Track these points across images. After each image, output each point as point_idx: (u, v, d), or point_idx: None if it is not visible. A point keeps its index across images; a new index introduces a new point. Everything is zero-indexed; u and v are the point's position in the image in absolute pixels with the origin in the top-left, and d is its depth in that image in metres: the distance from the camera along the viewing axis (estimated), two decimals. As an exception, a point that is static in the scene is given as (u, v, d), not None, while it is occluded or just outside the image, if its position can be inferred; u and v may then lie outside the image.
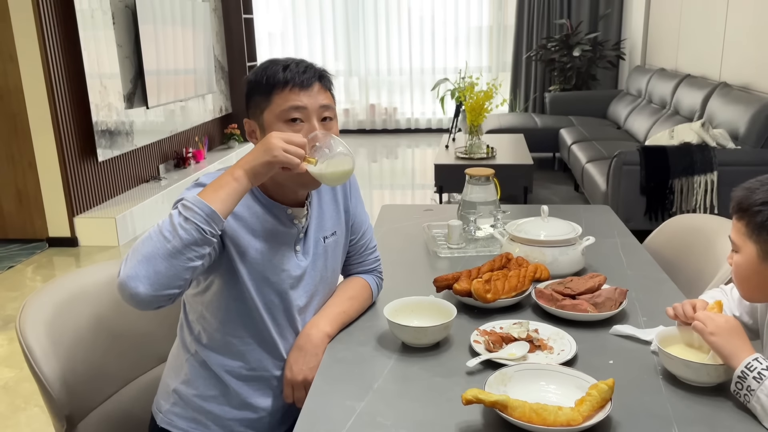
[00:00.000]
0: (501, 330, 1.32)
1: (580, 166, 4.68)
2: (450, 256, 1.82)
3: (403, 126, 8.53)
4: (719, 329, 1.08)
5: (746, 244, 1.12)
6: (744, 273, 1.14)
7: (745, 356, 1.03)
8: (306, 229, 1.34)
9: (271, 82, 1.23)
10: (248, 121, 1.29)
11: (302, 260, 1.33)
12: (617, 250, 1.82)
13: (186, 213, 1.06)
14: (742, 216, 1.13)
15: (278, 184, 1.27)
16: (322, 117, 1.25)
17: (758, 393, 1.00)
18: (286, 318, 1.31)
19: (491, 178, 1.97)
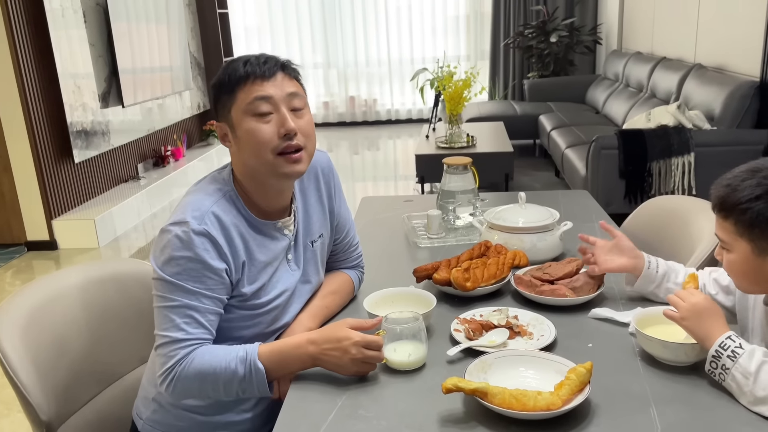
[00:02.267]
0: (481, 318, 1.33)
1: (559, 152, 4.70)
2: (430, 246, 1.82)
3: (383, 117, 8.51)
4: (689, 313, 1.09)
5: (738, 242, 1.09)
6: (740, 270, 1.11)
7: (718, 335, 1.04)
8: (295, 236, 1.33)
9: (233, 78, 1.19)
10: (219, 124, 1.25)
11: (295, 269, 1.32)
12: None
13: (246, 389, 1.15)
14: (728, 215, 1.09)
15: (261, 188, 1.25)
16: (292, 107, 1.20)
17: (733, 371, 1.01)
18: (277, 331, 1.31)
19: (469, 166, 1.97)
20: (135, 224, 4.72)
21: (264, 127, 1.18)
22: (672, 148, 3.59)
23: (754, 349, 1.00)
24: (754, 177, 1.07)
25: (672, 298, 1.13)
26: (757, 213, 1.05)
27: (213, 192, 1.22)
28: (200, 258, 1.14)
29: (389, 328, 1.18)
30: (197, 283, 1.14)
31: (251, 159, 1.21)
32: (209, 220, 1.16)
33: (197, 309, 1.14)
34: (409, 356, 1.17)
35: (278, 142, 1.19)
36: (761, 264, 1.08)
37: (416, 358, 1.17)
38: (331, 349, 1.14)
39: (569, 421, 1.00)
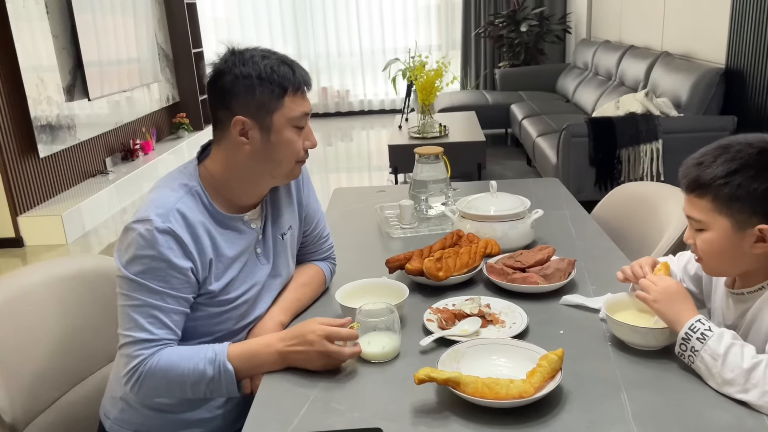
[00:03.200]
0: (453, 307, 1.33)
1: (531, 141, 4.73)
2: (403, 237, 1.82)
3: (356, 108, 8.48)
4: (661, 296, 1.10)
5: (716, 219, 1.08)
6: (717, 249, 1.09)
7: (688, 318, 1.06)
8: (263, 229, 1.31)
9: (284, 84, 1.17)
10: (243, 119, 1.16)
11: (264, 263, 1.30)
12: (566, 221, 1.85)
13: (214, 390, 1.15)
14: (704, 193, 1.08)
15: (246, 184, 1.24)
16: None
17: (702, 353, 1.02)
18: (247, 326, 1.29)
19: (440, 156, 1.97)
20: (104, 219, 4.63)
21: (298, 140, 1.23)
22: (640, 135, 3.64)
23: (722, 332, 1.02)
24: (727, 152, 1.07)
25: (644, 281, 1.14)
26: (737, 186, 1.05)
27: (177, 188, 1.19)
28: (164, 257, 1.12)
29: (363, 320, 1.17)
30: (162, 282, 1.12)
31: (276, 163, 1.22)
32: (173, 217, 1.14)
33: (161, 309, 1.12)
34: (383, 348, 1.16)
35: (303, 154, 1.26)
36: (740, 240, 1.08)
37: (390, 350, 1.17)
38: (297, 344, 1.13)
39: (542, 408, 1.00)
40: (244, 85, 1.15)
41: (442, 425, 0.98)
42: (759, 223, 1.06)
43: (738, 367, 0.98)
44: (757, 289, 1.12)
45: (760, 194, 1.05)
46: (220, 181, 1.23)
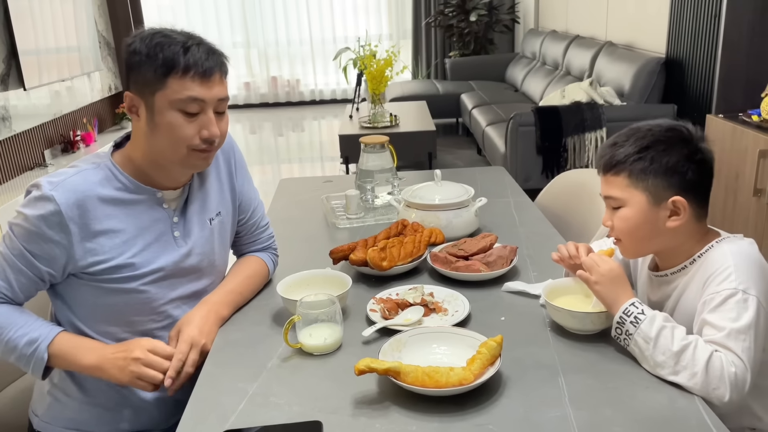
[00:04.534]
0: (397, 296, 1.33)
1: (480, 130, 4.77)
2: (349, 227, 1.80)
3: (307, 98, 8.39)
4: (602, 278, 1.12)
5: (633, 194, 1.12)
6: (634, 224, 1.12)
7: (624, 302, 1.08)
8: (184, 212, 1.27)
9: (168, 63, 1.12)
10: (130, 95, 1.16)
11: (182, 245, 1.26)
12: (510, 209, 1.87)
13: (21, 365, 1.14)
14: (620, 170, 1.13)
15: (159, 167, 1.20)
16: (217, 110, 1.19)
17: (635, 337, 1.05)
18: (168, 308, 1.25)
19: (386, 145, 1.96)
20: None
21: (187, 125, 1.15)
22: (585, 123, 3.71)
23: (654, 315, 1.04)
24: (639, 132, 1.14)
25: (587, 260, 1.15)
26: (650, 160, 1.10)
27: (82, 162, 1.19)
28: (36, 223, 1.11)
29: (304, 312, 1.16)
30: (28, 242, 1.12)
31: (164, 148, 1.17)
32: (63, 189, 1.12)
33: (12, 265, 1.13)
34: (324, 340, 1.15)
35: (198, 142, 1.17)
36: (656, 214, 1.12)
37: (332, 341, 1.15)
38: (118, 351, 1.14)
39: (481, 394, 1.01)
40: (134, 61, 1.14)
41: (382, 415, 0.98)
42: (673, 195, 1.10)
43: (668, 349, 1.01)
44: (680, 269, 1.15)
45: (672, 167, 1.10)
46: (136, 162, 1.20)
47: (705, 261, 1.11)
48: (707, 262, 1.10)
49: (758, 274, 1.05)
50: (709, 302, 1.05)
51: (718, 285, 1.05)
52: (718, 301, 1.03)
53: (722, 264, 1.06)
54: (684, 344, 1.00)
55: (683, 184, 1.11)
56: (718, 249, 1.11)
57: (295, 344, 1.15)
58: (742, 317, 1.01)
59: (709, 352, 0.99)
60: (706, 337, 1.02)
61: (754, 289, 1.03)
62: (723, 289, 1.04)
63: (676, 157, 1.10)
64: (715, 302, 1.04)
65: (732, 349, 0.99)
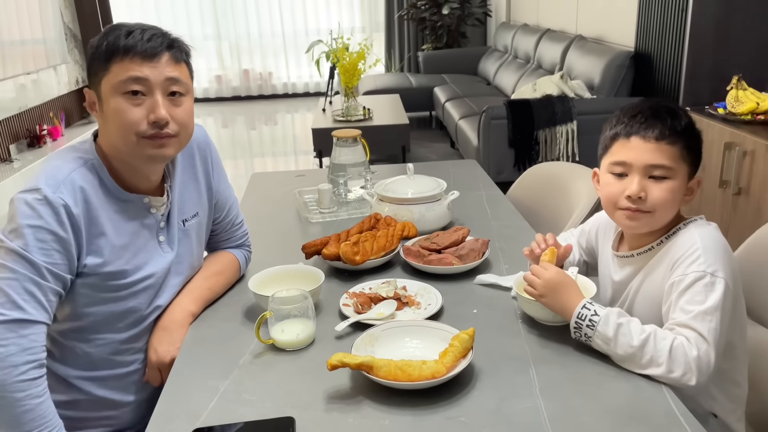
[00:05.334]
0: (370, 291, 1.33)
1: (453, 123, 4.79)
2: (322, 221, 1.80)
3: (279, 91, 8.32)
4: (545, 289, 1.11)
5: (681, 167, 1.12)
6: (675, 198, 1.12)
7: (574, 306, 1.08)
8: (168, 217, 1.25)
9: (110, 48, 1.09)
10: (89, 91, 1.15)
11: (168, 251, 1.25)
12: (482, 202, 1.88)
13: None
14: (676, 140, 1.11)
15: (125, 165, 1.17)
16: (170, 91, 1.13)
17: (595, 339, 1.06)
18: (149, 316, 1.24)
19: (359, 138, 1.96)
20: (10, 211, 4.35)
21: (133, 109, 1.10)
22: (556, 116, 3.75)
23: (608, 314, 1.05)
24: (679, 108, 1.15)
25: (527, 276, 1.16)
26: (697, 138, 1.14)
27: (72, 160, 1.13)
28: (51, 229, 1.05)
29: (276, 308, 1.15)
30: (44, 256, 1.05)
31: (116, 139, 1.13)
32: (66, 189, 1.08)
33: (39, 285, 1.04)
34: (297, 336, 1.14)
35: (146, 128, 1.12)
36: (683, 190, 1.14)
37: (305, 337, 1.15)
38: None
39: (454, 387, 1.01)
40: (89, 55, 1.13)
41: (355, 410, 0.98)
42: (694, 174, 1.15)
43: (630, 345, 1.02)
44: (646, 250, 1.17)
45: (700, 147, 1.15)
46: (109, 158, 1.17)
47: (673, 243, 1.13)
48: (675, 245, 1.12)
49: (725, 257, 1.08)
50: (677, 284, 1.07)
51: (687, 267, 1.07)
52: (687, 283, 1.05)
53: (691, 247, 1.08)
54: (644, 338, 1.02)
55: (699, 161, 1.16)
56: (686, 232, 1.13)
57: (267, 340, 1.15)
58: (709, 299, 1.03)
59: (671, 340, 1.01)
60: (674, 320, 1.04)
61: (722, 271, 1.05)
62: (691, 271, 1.06)
63: (701, 140, 1.16)
64: (684, 284, 1.06)
65: (698, 329, 1.01)
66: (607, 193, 1.17)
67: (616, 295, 1.25)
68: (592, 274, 1.39)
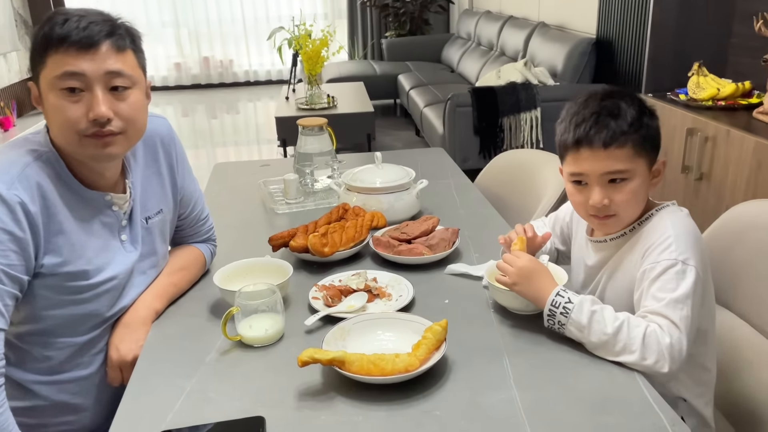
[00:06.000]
0: (340, 283, 1.30)
1: (418, 111, 4.77)
2: (288, 212, 1.76)
3: (241, 79, 8.17)
4: (518, 277, 1.11)
5: (638, 163, 1.10)
6: (639, 194, 1.11)
7: (548, 294, 1.07)
8: (130, 215, 1.19)
9: (46, 38, 1.01)
10: (32, 84, 1.07)
11: (131, 250, 1.19)
12: (451, 190, 1.86)
13: None
14: (624, 142, 1.08)
15: (84, 164, 1.10)
16: (112, 86, 1.04)
17: (568, 326, 1.05)
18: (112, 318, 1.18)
19: (324, 127, 1.92)
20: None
21: (71, 107, 1.02)
22: (521, 104, 3.76)
23: (582, 301, 1.05)
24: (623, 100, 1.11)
25: (500, 264, 1.15)
26: (647, 126, 1.10)
27: (26, 153, 1.05)
28: (7, 228, 0.98)
29: (243, 303, 1.11)
30: (5, 257, 0.98)
31: (58, 136, 1.06)
32: (21, 185, 1.01)
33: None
34: (266, 331, 1.11)
35: (86, 126, 1.03)
36: (648, 179, 1.13)
37: (273, 332, 1.12)
38: None
39: (428, 379, 1.00)
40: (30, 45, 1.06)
41: (327, 407, 0.95)
42: (656, 157, 1.13)
43: (603, 333, 1.02)
44: (620, 236, 1.17)
45: (656, 129, 1.13)
46: (61, 152, 1.09)
47: (646, 230, 1.14)
48: (647, 231, 1.13)
49: (695, 245, 1.08)
50: (649, 271, 1.07)
51: (659, 255, 1.07)
52: (659, 271, 1.06)
53: (663, 234, 1.09)
54: (617, 325, 1.02)
55: (658, 142, 1.14)
56: (658, 219, 1.13)
57: (234, 337, 1.11)
58: (681, 286, 1.03)
59: (644, 327, 1.01)
60: (646, 308, 1.05)
61: (693, 259, 1.06)
62: (663, 259, 1.06)
63: (656, 121, 1.14)
64: (656, 272, 1.06)
65: (670, 317, 1.02)
66: (573, 203, 1.18)
67: (589, 280, 1.25)
68: (564, 262, 1.38)
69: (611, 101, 1.11)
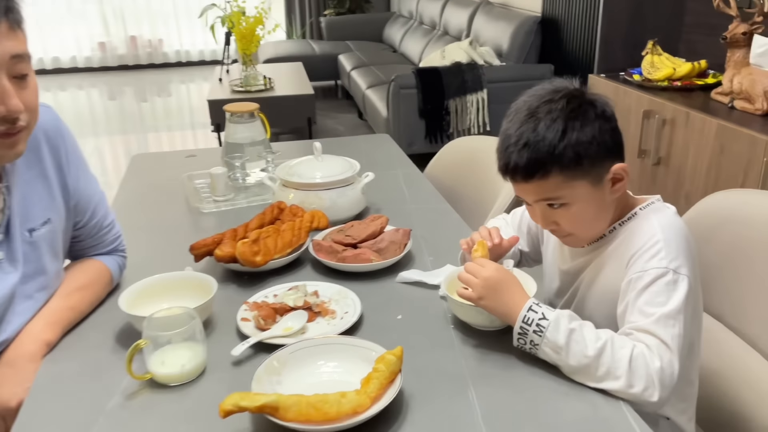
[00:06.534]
0: (275, 299, 1.11)
1: (361, 93, 4.57)
2: (216, 211, 1.55)
3: (172, 59, 7.73)
4: (485, 290, 0.95)
5: (574, 187, 0.94)
6: (587, 214, 0.97)
7: (519, 309, 0.92)
8: (6, 227, 0.97)
9: None
10: None
11: (9, 271, 0.97)
12: (399, 182, 1.69)
13: None
14: (549, 169, 0.93)
15: None
16: (16, 74, 0.87)
17: (543, 347, 0.90)
18: None
19: (256, 113, 1.70)
20: None
21: None
22: (466, 85, 3.62)
23: (558, 318, 0.90)
24: (537, 117, 0.93)
25: (462, 275, 0.98)
26: (576, 142, 0.92)
27: None
28: None
29: (153, 335, 0.91)
30: None
31: None
32: None
33: None
34: (182, 367, 0.91)
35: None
36: (601, 192, 0.97)
37: (192, 368, 0.92)
38: None
39: (381, 423, 0.83)
40: None
41: (259, 466, 0.77)
42: (611, 165, 0.96)
43: (584, 356, 0.87)
44: (599, 238, 1.03)
45: (596, 137, 0.94)
46: None
47: (629, 232, 0.99)
48: (632, 233, 0.98)
49: (687, 249, 0.95)
50: (635, 281, 0.92)
51: (647, 262, 0.93)
52: (647, 281, 0.91)
53: (651, 238, 0.94)
54: (599, 346, 0.87)
55: (611, 146, 0.96)
56: (643, 219, 0.99)
57: (143, 375, 0.91)
58: (672, 300, 0.90)
59: (630, 349, 0.87)
60: (632, 324, 0.90)
61: (685, 267, 0.92)
62: (651, 267, 0.92)
63: (595, 124, 0.94)
64: (643, 282, 0.91)
65: (659, 335, 0.88)
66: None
67: (564, 287, 1.10)
68: (526, 265, 1.24)
69: (532, 121, 0.93)
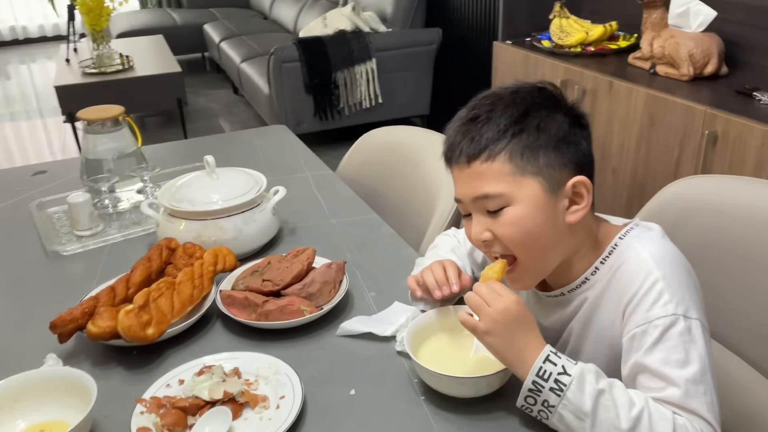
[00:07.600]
0: (181, 387, 0.82)
1: (234, 67, 4.15)
2: (83, 251, 1.20)
3: (7, 37, 6.80)
4: (497, 324, 0.74)
5: (522, 184, 0.76)
6: (532, 228, 0.77)
7: (533, 358, 0.72)
8: None
9: None
10: None
11: None
12: (311, 189, 1.42)
13: None
14: (494, 153, 0.76)
15: None
16: None
17: (560, 411, 0.70)
18: None
19: (122, 118, 1.35)
20: None
21: None
22: (353, 55, 3.35)
23: (582, 374, 0.70)
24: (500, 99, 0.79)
25: (472, 300, 0.77)
26: (536, 130, 0.77)
27: None
28: None
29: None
30: None
31: None
32: None
33: None
34: None
35: None
36: (554, 207, 0.78)
37: None
38: None
39: None
40: None
41: None
42: (571, 176, 0.78)
43: (614, 427, 0.68)
44: (579, 284, 0.84)
45: (564, 137, 0.78)
46: None
47: (616, 270, 0.80)
48: (622, 274, 0.79)
49: (690, 283, 0.77)
50: (641, 337, 0.74)
51: (649, 311, 0.74)
52: (656, 337, 0.72)
53: (646, 278, 0.75)
54: (634, 416, 0.68)
55: (579, 158, 0.79)
56: (630, 251, 0.80)
57: None
58: (692, 357, 0.71)
59: (670, 422, 0.68)
60: (656, 394, 0.72)
61: (694, 309, 0.74)
62: (657, 316, 0.73)
63: (564, 124, 0.78)
64: (652, 338, 0.73)
65: (696, 411, 0.70)
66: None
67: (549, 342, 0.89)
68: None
69: (493, 101, 0.79)
